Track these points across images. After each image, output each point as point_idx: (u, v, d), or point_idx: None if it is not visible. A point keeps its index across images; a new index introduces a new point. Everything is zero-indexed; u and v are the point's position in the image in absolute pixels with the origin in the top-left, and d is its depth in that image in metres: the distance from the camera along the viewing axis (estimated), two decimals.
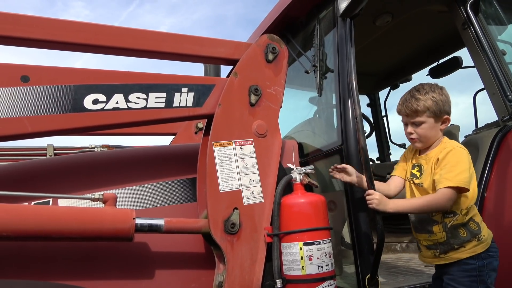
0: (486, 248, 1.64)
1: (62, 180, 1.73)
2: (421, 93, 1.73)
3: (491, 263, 1.64)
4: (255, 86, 1.84)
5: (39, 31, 1.54)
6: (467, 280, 1.63)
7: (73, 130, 1.57)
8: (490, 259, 1.64)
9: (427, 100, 1.70)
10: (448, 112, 1.75)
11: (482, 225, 1.68)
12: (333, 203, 2.19)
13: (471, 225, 1.66)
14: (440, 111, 1.71)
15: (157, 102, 1.68)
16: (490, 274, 1.63)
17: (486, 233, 1.67)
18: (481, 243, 1.64)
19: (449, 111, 1.76)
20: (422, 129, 1.73)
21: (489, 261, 1.64)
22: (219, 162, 1.70)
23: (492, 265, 1.64)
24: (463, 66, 3.47)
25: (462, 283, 1.63)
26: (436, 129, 1.74)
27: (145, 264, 1.70)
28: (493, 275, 1.64)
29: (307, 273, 1.59)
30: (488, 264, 1.63)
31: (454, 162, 1.62)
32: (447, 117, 1.75)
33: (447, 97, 1.75)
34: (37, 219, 1.37)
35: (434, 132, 1.74)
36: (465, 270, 1.64)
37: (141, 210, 1.73)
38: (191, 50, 1.81)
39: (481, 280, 1.62)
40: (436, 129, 1.74)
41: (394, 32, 3.31)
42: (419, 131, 1.74)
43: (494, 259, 1.65)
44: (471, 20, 2.39)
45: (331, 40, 2.30)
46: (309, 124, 2.73)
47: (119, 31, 1.69)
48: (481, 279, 1.62)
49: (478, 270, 1.62)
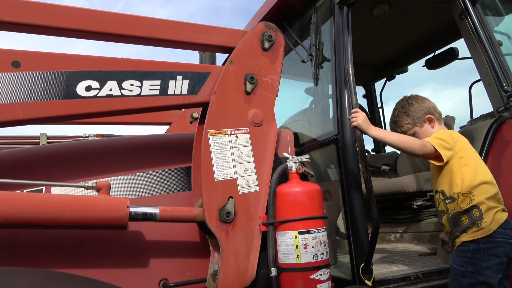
0: (487, 234, 1.68)
1: (56, 168, 1.71)
2: (395, 115, 2.03)
3: (490, 249, 1.67)
4: (251, 75, 1.82)
5: (31, 15, 1.50)
6: (460, 260, 1.72)
7: (65, 117, 1.54)
8: (491, 244, 1.68)
9: (402, 119, 1.99)
10: (426, 112, 1.96)
11: (488, 213, 1.70)
12: (328, 192, 2.19)
13: (474, 212, 1.71)
14: (417, 118, 1.96)
15: (151, 90, 1.66)
16: (488, 259, 1.67)
17: (489, 220, 1.69)
18: (480, 229, 1.69)
19: (427, 111, 1.96)
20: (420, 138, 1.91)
21: (488, 246, 1.68)
22: (214, 150, 1.69)
23: (493, 251, 1.67)
24: (459, 57, 3.47)
25: (456, 262, 1.74)
26: (427, 130, 1.95)
27: (139, 253, 1.70)
28: (493, 260, 1.67)
29: (302, 261, 1.59)
30: (486, 249, 1.68)
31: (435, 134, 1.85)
32: (429, 116, 1.95)
33: (418, 103, 1.99)
34: (30, 206, 1.36)
35: (427, 133, 1.94)
36: (460, 251, 1.73)
37: (136, 198, 1.72)
38: (187, 37, 1.78)
39: (473, 262, 1.68)
40: (427, 130, 1.95)
41: (391, 22, 3.30)
42: None
43: (498, 245, 1.67)
44: (469, 10, 2.38)
45: (328, 29, 2.28)
46: (305, 114, 2.72)
47: (114, 16, 1.66)
48: (473, 261, 1.68)
49: (472, 253, 1.69)
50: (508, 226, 1.72)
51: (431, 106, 1.99)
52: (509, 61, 2.36)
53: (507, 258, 1.69)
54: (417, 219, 3.12)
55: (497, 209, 1.73)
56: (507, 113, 2.24)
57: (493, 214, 1.71)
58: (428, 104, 1.99)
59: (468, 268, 1.68)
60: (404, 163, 3.75)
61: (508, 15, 2.71)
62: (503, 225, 1.71)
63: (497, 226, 1.70)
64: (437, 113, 2.00)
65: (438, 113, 2.00)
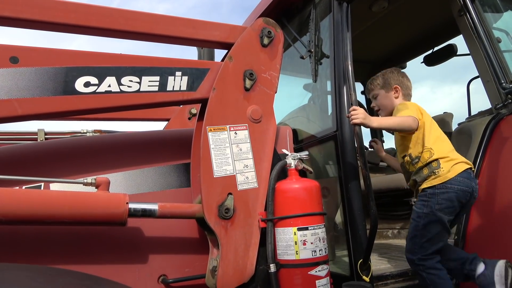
0: (444, 181, 1.89)
1: (54, 164, 1.71)
2: (376, 75, 2.27)
3: (444, 193, 1.88)
4: (250, 71, 1.82)
5: (27, 10, 1.49)
6: (419, 203, 1.95)
7: (64, 113, 1.54)
8: (445, 190, 1.88)
9: (377, 79, 2.24)
10: (398, 84, 2.19)
11: (445, 164, 1.92)
12: (327, 189, 2.20)
13: (433, 163, 1.93)
14: (388, 83, 2.19)
15: (150, 86, 1.65)
16: (441, 202, 1.87)
17: (446, 169, 1.90)
18: (438, 177, 1.90)
19: (399, 83, 2.19)
20: (378, 100, 2.23)
21: (443, 191, 1.88)
22: (213, 147, 1.69)
23: (446, 196, 1.87)
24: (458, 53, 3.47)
25: (416, 205, 1.97)
26: (389, 97, 2.19)
27: (138, 249, 1.70)
28: (445, 203, 1.87)
29: (301, 257, 1.60)
30: (440, 193, 1.88)
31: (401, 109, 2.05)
32: (396, 86, 2.18)
33: (397, 74, 2.22)
34: (28, 203, 1.35)
35: (387, 99, 2.19)
36: (420, 196, 1.96)
37: (135, 195, 1.72)
38: (185, 32, 1.77)
39: (428, 205, 1.89)
40: (389, 97, 2.19)
41: (390, 19, 3.29)
42: (377, 102, 2.24)
43: (452, 191, 1.88)
44: (468, 7, 2.38)
45: (327, 25, 2.28)
46: (304, 110, 2.72)
47: (111, 12, 1.65)
48: (428, 204, 1.90)
49: (428, 196, 1.91)
50: (465, 175, 1.91)
51: (405, 83, 2.22)
52: (508, 58, 2.36)
53: (459, 202, 1.88)
54: None
55: (455, 161, 1.93)
56: (505, 110, 2.25)
57: (451, 165, 1.91)
58: (403, 80, 2.22)
59: (424, 210, 1.90)
60: None
61: (507, 12, 2.71)
62: (459, 174, 1.90)
63: (454, 175, 1.89)
64: (406, 90, 2.22)
65: (406, 91, 2.22)
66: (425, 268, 1.85)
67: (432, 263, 1.85)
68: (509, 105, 2.23)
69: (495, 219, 2.03)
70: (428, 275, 1.84)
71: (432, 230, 1.87)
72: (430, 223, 1.87)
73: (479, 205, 2.11)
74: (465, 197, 1.89)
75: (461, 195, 1.88)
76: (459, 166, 1.92)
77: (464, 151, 2.37)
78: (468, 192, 1.89)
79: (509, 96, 2.22)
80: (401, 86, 2.19)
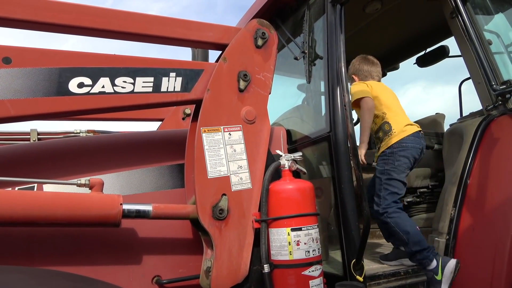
0: (398, 139, 2.23)
1: (47, 165, 1.70)
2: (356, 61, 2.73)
3: (401, 151, 2.22)
4: (244, 72, 1.82)
5: (20, 10, 1.48)
6: (380, 163, 2.29)
7: (57, 114, 1.53)
8: (401, 148, 2.22)
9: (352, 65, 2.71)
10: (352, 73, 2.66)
11: (396, 125, 2.29)
12: (321, 189, 2.21)
13: (385, 126, 2.31)
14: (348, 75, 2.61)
15: (144, 87, 1.65)
16: (399, 159, 2.21)
17: (399, 129, 2.26)
18: (393, 137, 2.24)
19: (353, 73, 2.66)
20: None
21: (399, 149, 2.22)
22: (208, 148, 1.69)
23: (403, 153, 2.21)
24: (450, 55, 3.51)
25: (378, 165, 2.29)
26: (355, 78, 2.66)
27: (132, 250, 1.70)
28: (402, 159, 2.21)
29: (295, 258, 1.61)
30: (398, 151, 2.22)
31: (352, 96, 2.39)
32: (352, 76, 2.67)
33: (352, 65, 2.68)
34: (21, 204, 1.34)
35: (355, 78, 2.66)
36: (380, 156, 2.30)
37: (129, 195, 1.72)
38: (179, 33, 1.77)
39: (388, 163, 2.24)
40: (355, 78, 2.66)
41: (383, 20, 3.32)
42: None
43: (407, 149, 2.22)
44: (459, 9, 2.41)
45: (320, 26, 2.29)
46: (297, 111, 2.73)
47: (105, 12, 1.64)
48: (388, 162, 2.24)
49: (387, 155, 2.26)
50: (416, 135, 2.27)
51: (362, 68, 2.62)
52: (498, 60, 2.40)
53: (414, 158, 2.25)
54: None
55: (406, 123, 2.29)
56: (496, 111, 2.28)
57: (402, 126, 2.26)
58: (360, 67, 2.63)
59: (385, 167, 2.24)
60: None
61: (498, 14, 2.75)
62: (412, 134, 2.25)
63: (406, 134, 2.24)
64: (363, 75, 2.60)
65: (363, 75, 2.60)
66: (388, 214, 2.17)
67: (393, 209, 2.18)
68: (499, 106, 2.27)
69: (486, 219, 2.05)
70: (391, 219, 2.17)
71: (393, 184, 2.19)
72: (391, 178, 2.20)
73: (470, 205, 2.14)
74: (417, 153, 2.25)
75: (414, 152, 2.23)
76: (410, 128, 2.29)
77: (455, 152, 2.40)
78: (419, 148, 2.27)
79: (500, 98, 2.26)
80: (357, 74, 2.61)
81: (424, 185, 3.15)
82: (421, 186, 3.14)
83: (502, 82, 2.26)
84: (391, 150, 2.23)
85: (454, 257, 2.11)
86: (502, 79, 2.29)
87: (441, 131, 3.42)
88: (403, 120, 2.31)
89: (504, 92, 2.21)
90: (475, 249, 2.06)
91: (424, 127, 3.51)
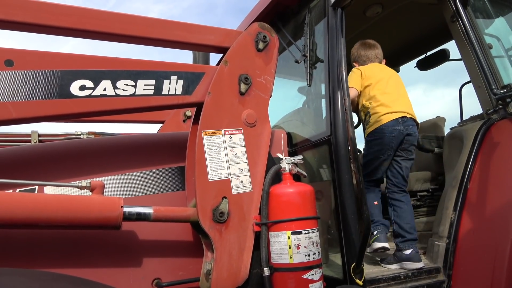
0: (373, 129, 2.49)
1: (49, 167, 1.70)
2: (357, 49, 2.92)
3: (376, 139, 2.47)
4: (245, 75, 1.83)
5: (22, 13, 1.48)
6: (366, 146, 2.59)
7: (59, 116, 1.53)
8: (373, 137, 2.49)
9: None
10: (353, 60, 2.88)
11: (375, 115, 2.50)
12: (321, 192, 2.22)
13: (367, 117, 2.57)
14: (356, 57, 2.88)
15: (145, 90, 1.66)
16: (373, 146, 2.48)
17: (374, 119, 2.49)
18: (370, 126, 2.53)
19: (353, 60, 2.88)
20: None
21: (372, 138, 2.50)
22: (208, 151, 1.70)
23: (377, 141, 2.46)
24: (450, 58, 3.51)
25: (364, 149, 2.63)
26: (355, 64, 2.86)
27: (132, 252, 1.70)
28: (375, 147, 2.47)
29: (295, 261, 1.61)
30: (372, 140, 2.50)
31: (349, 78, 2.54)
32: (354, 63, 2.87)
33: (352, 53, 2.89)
34: (22, 206, 1.35)
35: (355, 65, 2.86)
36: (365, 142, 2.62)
37: (129, 198, 1.72)
38: (181, 36, 1.78)
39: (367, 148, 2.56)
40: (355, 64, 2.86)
41: (383, 23, 3.32)
42: None
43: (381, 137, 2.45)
44: (460, 13, 2.42)
45: (321, 30, 2.30)
46: (298, 113, 2.74)
47: (106, 15, 1.65)
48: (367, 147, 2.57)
49: (367, 141, 2.56)
50: (390, 124, 2.43)
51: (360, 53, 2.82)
52: (499, 64, 2.40)
53: (388, 146, 2.43)
54: None
55: (384, 112, 2.45)
56: (496, 115, 2.29)
57: (377, 117, 2.46)
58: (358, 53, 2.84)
59: (365, 152, 2.56)
60: None
61: (498, 18, 2.75)
62: (386, 123, 2.43)
63: (380, 124, 2.44)
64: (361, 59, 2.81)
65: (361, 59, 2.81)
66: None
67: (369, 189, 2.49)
68: (500, 110, 2.27)
69: (486, 223, 2.06)
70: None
71: (369, 166, 2.50)
72: (369, 161, 2.51)
73: (470, 209, 2.14)
74: (390, 141, 2.42)
75: (387, 140, 2.42)
76: (385, 117, 2.45)
77: (456, 155, 2.40)
78: (392, 136, 2.42)
79: (500, 102, 2.26)
80: (357, 61, 2.83)
81: (424, 189, 3.15)
82: (421, 189, 3.14)
83: (503, 86, 2.27)
84: (369, 138, 2.54)
85: (454, 261, 2.11)
86: (503, 83, 2.30)
87: (441, 135, 3.43)
88: (383, 109, 2.47)
89: (504, 96, 2.22)
90: (475, 253, 2.06)
91: (424, 130, 3.53)
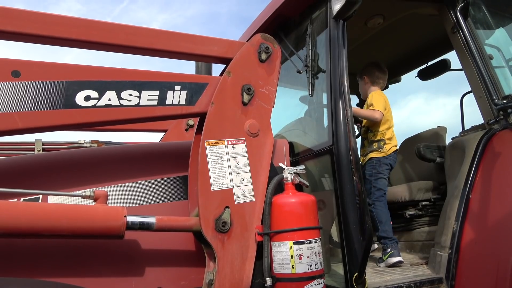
0: (385, 155, 2.90)
1: (53, 177, 1.71)
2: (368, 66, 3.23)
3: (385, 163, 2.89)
4: (248, 86, 1.85)
5: (30, 25, 1.51)
6: (369, 167, 2.93)
7: (64, 126, 1.55)
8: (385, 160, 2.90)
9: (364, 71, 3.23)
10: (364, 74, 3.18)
11: (389, 144, 2.93)
12: (323, 202, 2.22)
13: (381, 142, 2.94)
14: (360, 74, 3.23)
15: (149, 100, 1.68)
16: (383, 166, 2.88)
17: (388, 148, 2.92)
18: (382, 152, 2.92)
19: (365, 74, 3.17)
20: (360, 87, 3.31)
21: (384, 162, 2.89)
22: (211, 160, 1.71)
23: (384, 161, 2.90)
24: (451, 68, 3.53)
25: (366, 169, 2.94)
26: (362, 86, 3.24)
27: (135, 262, 1.70)
28: (384, 167, 2.89)
29: (297, 271, 1.61)
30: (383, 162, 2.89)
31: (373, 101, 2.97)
32: (364, 76, 3.18)
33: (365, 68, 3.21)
34: (26, 216, 1.36)
35: (365, 86, 3.20)
36: (368, 162, 2.95)
37: (132, 207, 1.73)
38: (185, 48, 1.80)
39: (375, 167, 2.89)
40: (362, 86, 3.24)
41: (385, 34, 3.35)
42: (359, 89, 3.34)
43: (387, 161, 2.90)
44: (460, 24, 2.44)
45: (323, 40, 2.32)
46: (300, 123, 2.75)
47: (111, 27, 1.68)
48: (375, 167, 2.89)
49: (375, 162, 2.91)
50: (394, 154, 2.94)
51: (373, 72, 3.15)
52: (500, 75, 2.42)
53: (390, 167, 2.92)
54: (409, 228, 3.16)
55: (393, 144, 2.95)
56: (497, 125, 2.29)
57: (390, 147, 2.92)
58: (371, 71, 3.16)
59: (373, 170, 2.89)
60: (396, 172, 3.80)
61: (499, 29, 2.77)
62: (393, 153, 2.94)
63: (389, 153, 2.92)
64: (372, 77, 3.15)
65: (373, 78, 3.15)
66: (375, 206, 2.78)
67: (379, 203, 2.80)
68: (501, 121, 2.28)
69: (488, 233, 2.05)
70: (375, 209, 2.77)
71: (379, 183, 2.84)
72: (378, 179, 2.85)
73: (472, 219, 2.14)
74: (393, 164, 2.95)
75: (391, 163, 2.93)
76: (393, 148, 2.96)
77: (457, 165, 2.40)
78: (394, 161, 2.96)
79: (501, 112, 2.27)
80: (369, 76, 3.15)
81: (426, 198, 3.15)
82: (423, 199, 3.14)
83: (504, 97, 2.28)
84: (378, 159, 2.91)
85: (456, 271, 2.10)
86: (504, 94, 2.31)
87: (443, 144, 3.43)
88: (392, 141, 2.96)
89: (505, 107, 2.23)
90: (477, 263, 2.05)
91: (426, 140, 3.54)
